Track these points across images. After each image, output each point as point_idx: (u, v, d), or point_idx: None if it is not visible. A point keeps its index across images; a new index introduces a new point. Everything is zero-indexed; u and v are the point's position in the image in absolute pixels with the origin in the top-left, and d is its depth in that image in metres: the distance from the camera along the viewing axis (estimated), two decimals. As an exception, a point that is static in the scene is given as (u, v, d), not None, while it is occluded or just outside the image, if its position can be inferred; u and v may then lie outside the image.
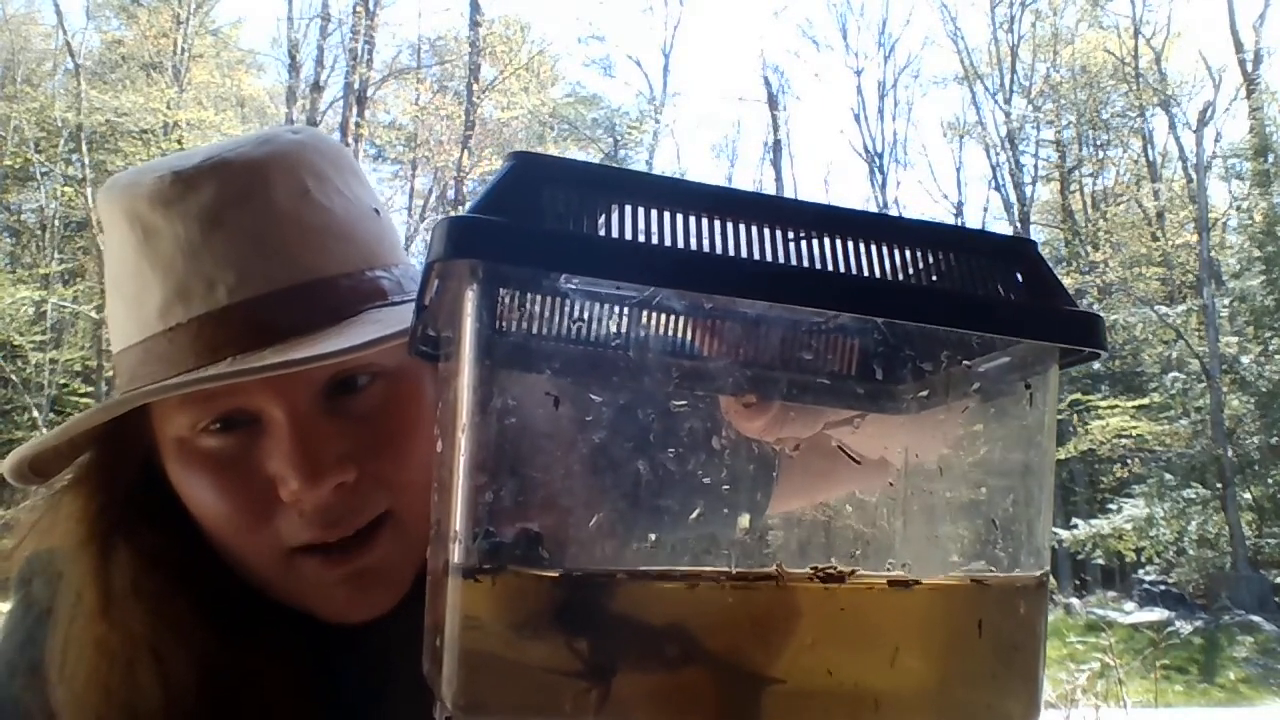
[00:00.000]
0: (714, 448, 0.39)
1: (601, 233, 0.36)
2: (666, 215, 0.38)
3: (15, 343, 16.39)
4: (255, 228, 0.67)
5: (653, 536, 0.37)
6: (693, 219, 0.38)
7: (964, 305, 0.39)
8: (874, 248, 0.39)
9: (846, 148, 32.40)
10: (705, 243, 0.38)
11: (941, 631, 0.39)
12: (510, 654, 0.33)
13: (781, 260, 0.39)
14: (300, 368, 0.62)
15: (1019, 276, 0.41)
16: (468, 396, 0.35)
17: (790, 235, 0.39)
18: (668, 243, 0.37)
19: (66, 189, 18.37)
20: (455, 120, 20.82)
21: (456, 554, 0.34)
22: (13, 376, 16.69)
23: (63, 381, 16.84)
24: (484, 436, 0.35)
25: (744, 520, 0.38)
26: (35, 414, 16.45)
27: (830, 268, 0.39)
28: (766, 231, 0.39)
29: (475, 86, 20.70)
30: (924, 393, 0.44)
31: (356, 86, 20.23)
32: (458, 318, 0.37)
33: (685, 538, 0.38)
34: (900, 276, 0.40)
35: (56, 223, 18.48)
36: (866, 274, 0.39)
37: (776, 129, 23.17)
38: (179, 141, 18.28)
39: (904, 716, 0.38)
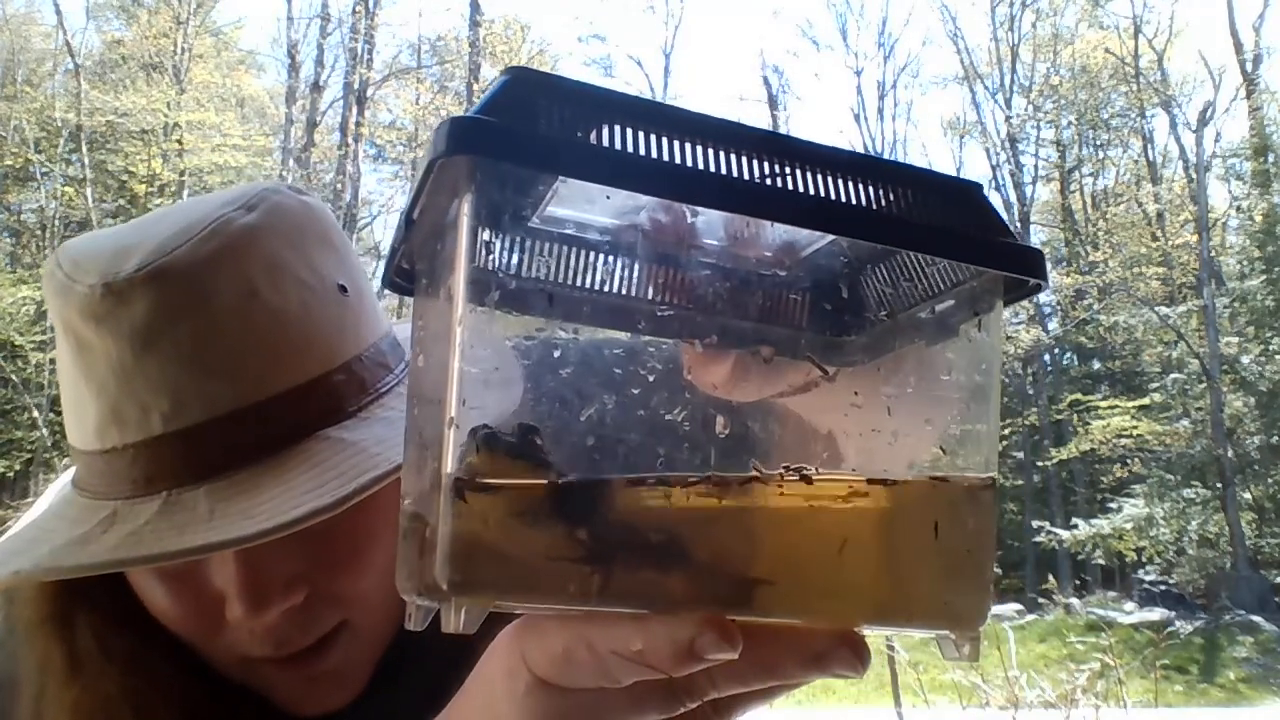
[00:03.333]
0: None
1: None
2: (655, 138, 0.38)
3: (15, 343, 16.40)
4: (191, 347, 0.62)
5: (635, 440, 0.38)
6: (679, 143, 0.39)
7: (928, 231, 0.42)
8: (848, 181, 0.41)
9: (846, 148, 32.26)
10: (693, 165, 0.39)
11: (902, 530, 0.41)
12: (508, 543, 0.34)
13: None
14: (203, 555, 0.60)
15: (966, 213, 0.43)
16: (462, 292, 0.35)
17: (775, 167, 0.40)
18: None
19: (66, 189, 18.42)
20: (455, 120, 20.79)
21: (451, 449, 0.34)
22: (13, 376, 16.71)
23: (63, 381, 16.82)
24: (478, 334, 0.35)
25: (721, 421, 0.39)
26: (35, 414, 16.46)
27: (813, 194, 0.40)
28: (752, 160, 0.40)
29: (475, 86, 20.74)
30: (871, 342, 0.46)
31: (356, 86, 20.28)
32: (445, 227, 0.38)
33: (668, 447, 0.39)
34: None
35: (56, 223, 18.50)
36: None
37: (777, 129, 23.19)
38: (179, 141, 18.32)
39: (866, 614, 0.40)
